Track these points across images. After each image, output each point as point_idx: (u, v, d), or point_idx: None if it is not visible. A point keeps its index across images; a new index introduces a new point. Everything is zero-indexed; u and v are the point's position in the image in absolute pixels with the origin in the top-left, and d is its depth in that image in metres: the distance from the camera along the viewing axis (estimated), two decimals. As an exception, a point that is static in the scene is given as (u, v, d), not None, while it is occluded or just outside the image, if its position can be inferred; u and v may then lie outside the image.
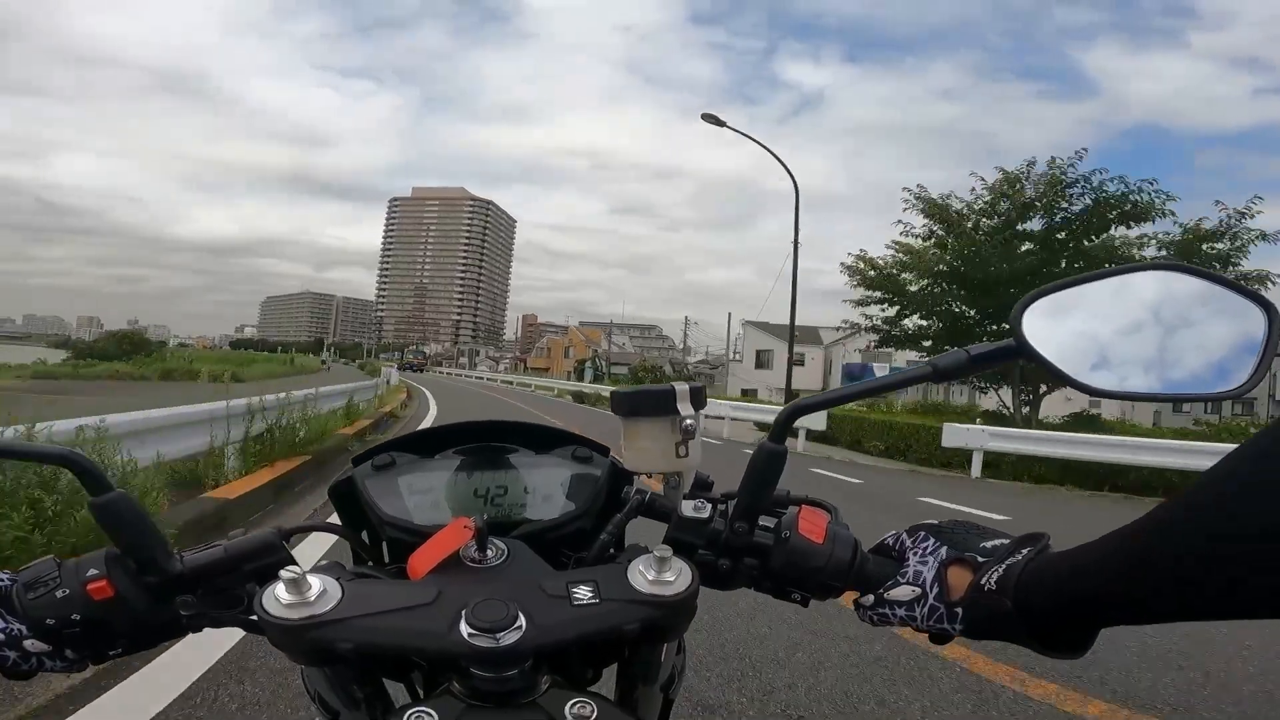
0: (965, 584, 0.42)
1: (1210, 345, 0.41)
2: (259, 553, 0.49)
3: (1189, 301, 0.42)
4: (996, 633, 0.41)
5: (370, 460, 0.58)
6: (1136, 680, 2.33)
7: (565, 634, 0.42)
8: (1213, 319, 0.41)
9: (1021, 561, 0.40)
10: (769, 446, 0.47)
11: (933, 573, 0.44)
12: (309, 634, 0.40)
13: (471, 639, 0.40)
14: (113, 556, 0.46)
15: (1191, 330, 0.42)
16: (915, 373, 0.46)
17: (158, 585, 0.46)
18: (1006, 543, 0.43)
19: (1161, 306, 0.42)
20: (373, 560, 0.57)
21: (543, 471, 0.59)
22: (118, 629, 0.46)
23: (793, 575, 0.47)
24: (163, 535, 0.48)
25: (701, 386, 0.52)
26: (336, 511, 0.60)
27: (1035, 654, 0.41)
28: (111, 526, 0.46)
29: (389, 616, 0.41)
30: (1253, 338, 0.40)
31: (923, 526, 0.47)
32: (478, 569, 0.47)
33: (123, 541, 0.46)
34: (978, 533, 0.45)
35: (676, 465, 0.50)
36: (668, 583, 0.43)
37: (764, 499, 0.48)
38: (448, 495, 0.57)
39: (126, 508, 0.46)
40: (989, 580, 0.41)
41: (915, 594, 0.44)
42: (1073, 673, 2.28)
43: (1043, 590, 0.39)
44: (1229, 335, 0.41)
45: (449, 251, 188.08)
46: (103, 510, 0.45)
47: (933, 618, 0.43)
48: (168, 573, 0.47)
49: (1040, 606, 0.39)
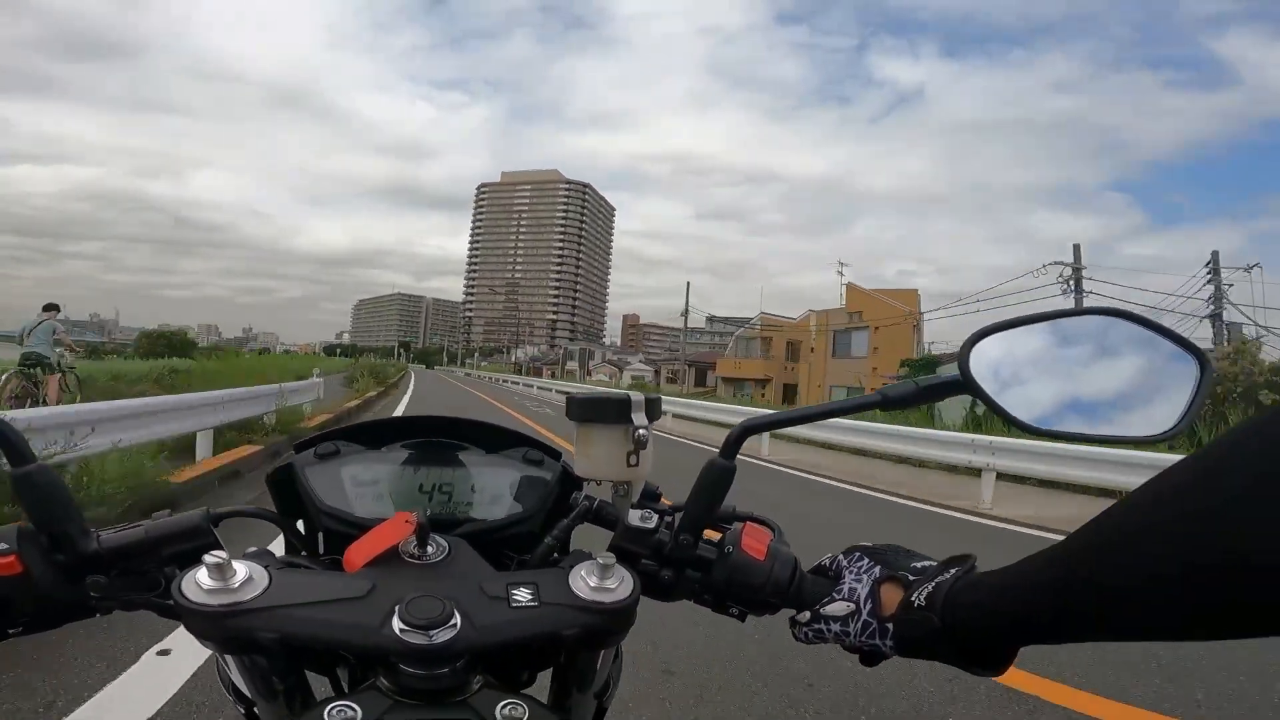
0: (896, 601, 0.50)
1: (1144, 389, 0.50)
2: (183, 536, 0.52)
3: (1127, 347, 0.50)
4: (925, 649, 0.49)
5: (313, 448, 0.63)
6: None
7: (502, 635, 0.46)
8: (1148, 365, 0.50)
9: (949, 580, 0.48)
10: (719, 463, 0.53)
11: (866, 589, 0.52)
12: (229, 621, 0.43)
13: (403, 635, 0.43)
14: (25, 532, 0.49)
15: (1127, 374, 0.51)
16: (865, 400, 0.55)
17: (69, 564, 0.49)
18: (935, 563, 0.51)
19: (1100, 350, 0.51)
20: (307, 551, 0.61)
21: (492, 471, 0.64)
22: (21, 608, 0.48)
23: (733, 590, 0.54)
24: (80, 513, 0.50)
25: (657, 398, 0.61)
26: (273, 499, 0.63)
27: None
28: (28, 499, 0.48)
29: (318, 608, 0.44)
30: (1185, 384, 0.48)
31: (858, 548, 0.56)
32: (416, 565, 0.51)
33: (38, 516, 0.49)
34: (908, 554, 0.54)
35: (626, 474, 0.58)
36: (609, 590, 0.48)
37: (710, 513, 0.55)
38: (391, 489, 0.61)
39: (46, 481, 0.48)
40: (919, 597, 0.48)
41: (850, 609, 0.51)
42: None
43: (969, 608, 0.45)
44: (1162, 381, 0.49)
45: (543, 242, 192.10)
46: (21, 482, 0.48)
47: (865, 633, 0.51)
48: (82, 551, 0.49)
49: (966, 624, 0.45)
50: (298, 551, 0.61)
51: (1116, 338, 0.51)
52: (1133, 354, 0.50)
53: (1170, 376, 0.49)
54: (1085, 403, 0.51)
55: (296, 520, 0.63)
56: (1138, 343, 0.50)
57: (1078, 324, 0.52)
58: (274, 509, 0.63)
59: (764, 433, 0.55)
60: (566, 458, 0.66)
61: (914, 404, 0.54)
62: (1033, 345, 0.52)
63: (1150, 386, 0.50)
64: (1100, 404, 0.50)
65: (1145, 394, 0.50)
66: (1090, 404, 0.50)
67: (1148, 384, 0.50)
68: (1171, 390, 0.49)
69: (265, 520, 0.61)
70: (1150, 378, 0.50)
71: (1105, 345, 0.51)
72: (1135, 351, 0.50)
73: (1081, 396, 0.51)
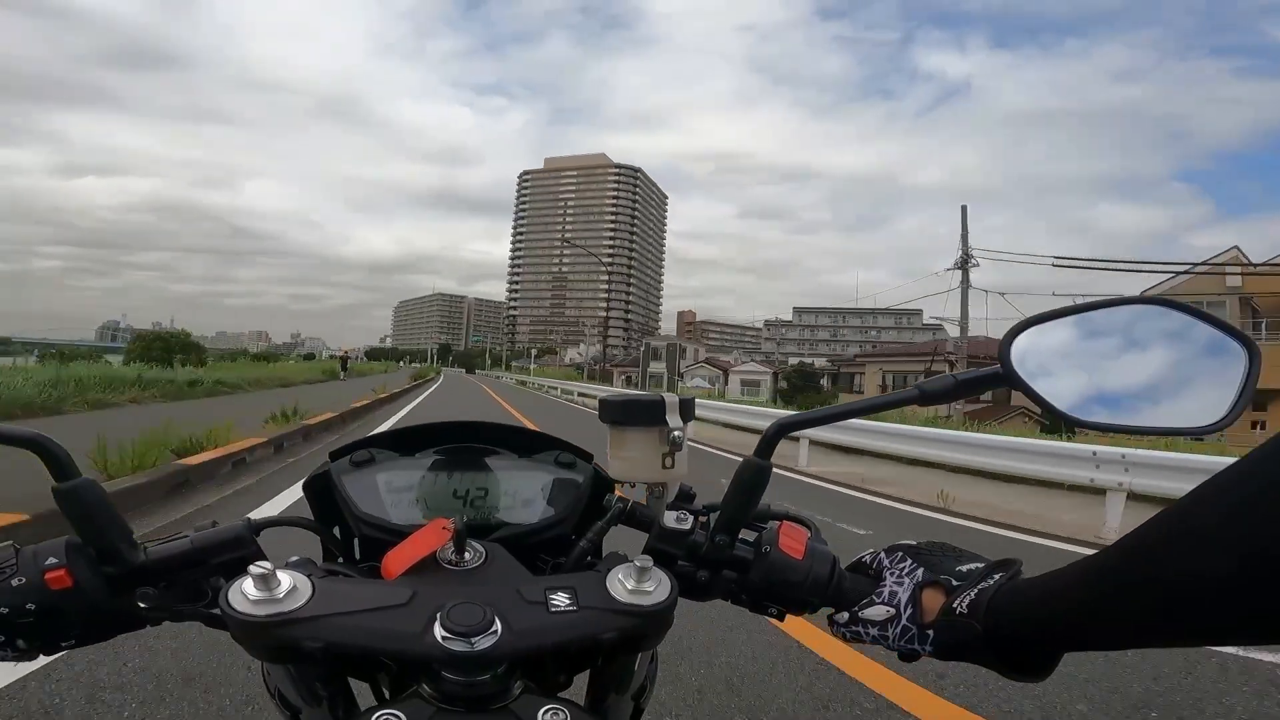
0: (938, 606, 0.54)
1: (1192, 380, 0.53)
2: (227, 546, 0.57)
3: (1174, 337, 0.53)
4: (964, 655, 0.52)
5: (348, 456, 0.68)
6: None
7: (541, 641, 0.49)
8: (1196, 355, 0.52)
9: (993, 586, 0.51)
10: (754, 461, 0.57)
11: (908, 594, 0.55)
12: (275, 631, 0.46)
13: (445, 642, 0.47)
14: (74, 545, 0.53)
15: (1175, 365, 0.53)
16: (902, 395, 0.58)
17: (118, 576, 0.53)
18: (981, 567, 0.54)
19: (1147, 341, 0.54)
20: (345, 558, 0.66)
21: (524, 475, 0.69)
22: (73, 620, 0.52)
23: (771, 590, 0.58)
24: (127, 525, 0.54)
25: (691, 399, 0.65)
26: (310, 506, 0.69)
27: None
28: (74, 514, 0.52)
29: (361, 616, 0.48)
30: (1234, 374, 0.51)
31: (901, 547, 0.60)
32: (454, 571, 0.54)
33: (85, 530, 0.53)
34: (954, 555, 0.57)
35: (662, 476, 0.63)
36: (646, 593, 0.51)
37: (746, 513, 0.59)
38: (426, 495, 0.67)
39: (91, 495, 0.52)
40: (961, 604, 0.51)
41: (889, 614, 0.55)
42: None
43: (1012, 615, 0.49)
44: (1211, 371, 0.52)
45: (592, 232, 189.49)
46: (66, 496, 0.52)
47: (904, 638, 0.54)
48: (130, 564, 0.54)
49: (1009, 631, 0.49)
50: (335, 559, 0.66)
51: (1161, 327, 0.53)
52: (1178, 343, 0.53)
53: (1218, 366, 0.52)
54: (1130, 394, 0.53)
55: (334, 528, 0.68)
56: (1183, 332, 0.53)
57: (1120, 314, 0.55)
58: (311, 517, 0.68)
59: (801, 431, 0.58)
60: (598, 460, 0.71)
61: (953, 398, 0.57)
62: (1075, 336, 0.55)
63: (1197, 376, 0.53)
64: (1146, 395, 0.53)
65: (1192, 384, 0.53)
66: (1136, 395, 0.53)
67: (1194, 374, 0.53)
68: (1220, 380, 0.51)
69: (304, 529, 0.66)
70: (1197, 367, 0.53)
71: (1150, 335, 0.54)
72: (1180, 341, 0.53)
73: (1126, 388, 0.54)
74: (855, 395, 43.59)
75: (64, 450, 0.52)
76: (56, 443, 0.52)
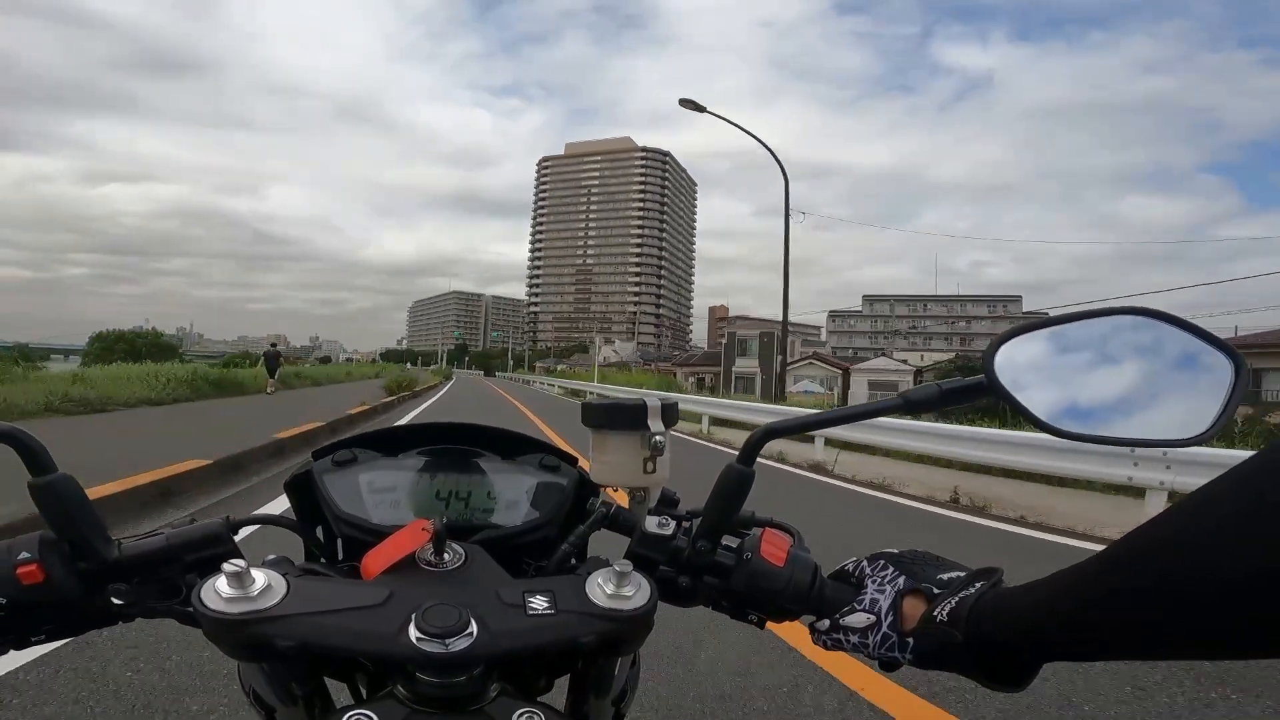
0: (918, 614, 0.57)
1: (1176, 391, 0.55)
2: (203, 543, 0.59)
3: (1158, 347, 0.56)
4: (944, 663, 0.55)
5: (331, 455, 0.71)
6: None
7: (518, 643, 0.51)
8: (1181, 366, 0.55)
9: (974, 595, 0.53)
10: (737, 468, 0.59)
11: (889, 601, 0.58)
12: (247, 629, 0.48)
13: (420, 643, 0.49)
14: (47, 540, 0.55)
15: (1158, 375, 0.56)
16: (886, 404, 0.60)
17: (92, 572, 0.56)
18: (963, 575, 0.58)
19: (1132, 352, 0.57)
20: (325, 558, 0.70)
21: (508, 477, 0.73)
22: (45, 615, 0.55)
23: (752, 596, 0.61)
24: (102, 521, 0.57)
25: (674, 403, 0.68)
26: (291, 505, 0.72)
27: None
28: (49, 508, 0.54)
29: (335, 616, 0.50)
30: (1218, 386, 0.53)
31: (883, 555, 0.63)
32: (433, 572, 0.57)
33: (59, 525, 0.55)
34: (935, 564, 0.60)
35: (644, 480, 0.65)
36: (626, 597, 0.54)
37: (729, 519, 0.61)
38: (408, 496, 0.70)
39: (67, 490, 0.55)
40: (941, 612, 0.54)
41: (870, 621, 0.58)
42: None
43: (993, 624, 0.51)
44: (1195, 382, 0.54)
45: (619, 222, 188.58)
46: (42, 491, 0.54)
47: (884, 646, 0.57)
48: (103, 559, 0.56)
49: (989, 640, 0.51)
50: (316, 558, 0.70)
51: (1147, 338, 0.56)
52: (1164, 354, 0.56)
53: (1203, 377, 0.54)
54: (1115, 404, 0.56)
55: (315, 527, 0.71)
56: (1169, 343, 0.56)
57: (1107, 324, 0.57)
58: (293, 516, 0.72)
59: (787, 437, 0.61)
60: (583, 463, 0.74)
61: (936, 407, 0.60)
62: (1061, 347, 0.58)
63: (1183, 388, 0.55)
64: (1131, 406, 0.56)
65: (1178, 395, 0.55)
66: (1121, 406, 0.56)
67: (1180, 385, 0.56)
68: (1205, 391, 0.54)
69: (284, 528, 0.69)
70: (1182, 378, 0.55)
71: (1136, 346, 0.56)
72: (1167, 352, 0.56)
73: (1111, 398, 0.56)
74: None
75: (40, 444, 0.54)
76: (32, 436, 0.54)
